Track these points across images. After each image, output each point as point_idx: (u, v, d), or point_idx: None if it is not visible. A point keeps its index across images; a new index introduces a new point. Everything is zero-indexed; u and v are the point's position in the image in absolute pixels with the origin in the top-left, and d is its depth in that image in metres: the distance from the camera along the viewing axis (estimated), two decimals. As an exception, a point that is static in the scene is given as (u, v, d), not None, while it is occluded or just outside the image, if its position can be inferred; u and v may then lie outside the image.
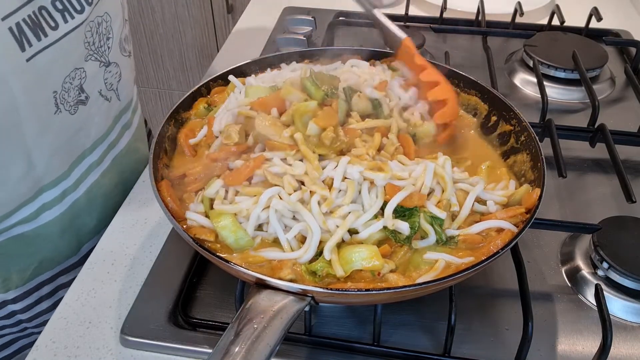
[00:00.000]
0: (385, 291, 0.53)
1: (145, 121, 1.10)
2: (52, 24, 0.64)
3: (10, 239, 0.74)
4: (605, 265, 0.66)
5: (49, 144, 0.70)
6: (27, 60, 0.62)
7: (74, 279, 0.85)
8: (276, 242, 0.59)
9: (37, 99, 0.65)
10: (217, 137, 0.69)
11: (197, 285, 0.68)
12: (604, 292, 0.61)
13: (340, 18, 1.25)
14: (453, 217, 0.62)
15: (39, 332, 0.87)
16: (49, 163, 0.71)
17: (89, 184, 0.80)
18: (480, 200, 0.63)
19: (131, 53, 0.85)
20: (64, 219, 0.78)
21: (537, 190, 0.62)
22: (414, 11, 1.29)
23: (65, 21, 0.65)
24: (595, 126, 0.87)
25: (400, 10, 1.28)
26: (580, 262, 0.70)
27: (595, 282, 0.65)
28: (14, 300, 0.81)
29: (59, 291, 0.86)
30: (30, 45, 0.61)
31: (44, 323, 0.86)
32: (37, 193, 0.73)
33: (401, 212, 0.59)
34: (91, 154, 0.79)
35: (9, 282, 0.78)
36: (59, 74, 0.67)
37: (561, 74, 1.03)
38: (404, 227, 0.58)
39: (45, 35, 0.63)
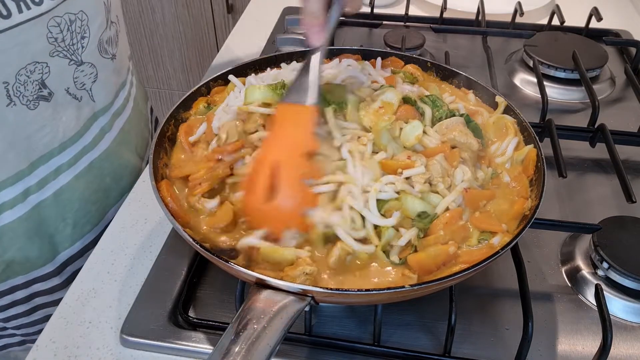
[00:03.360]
0: (385, 291, 0.53)
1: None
2: (4, 13, 0.62)
3: None
4: (605, 265, 0.66)
5: (2, 137, 0.68)
6: None
7: (50, 288, 0.83)
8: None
9: None
10: (216, 134, 0.69)
11: (197, 285, 0.68)
12: (604, 292, 0.61)
13: (340, 18, 1.24)
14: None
15: (21, 334, 0.84)
16: (3, 157, 0.69)
17: (58, 186, 0.77)
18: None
19: (115, 56, 0.83)
20: (29, 220, 0.76)
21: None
22: (414, 11, 1.29)
23: (20, 11, 0.63)
24: (595, 126, 0.87)
25: (400, 10, 1.28)
26: (580, 262, 0.70)
27: (595, 282, 0.65)
28: None
29: (35, 298, 0.83)
30: None
31: (23, 326, 0.83)
32: None
33: None
34: (60, 154, 0.76)
35: None
36: (10, 65, 0.65)
37: (561, 74, 1.03)
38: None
39: None
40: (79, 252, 0.84)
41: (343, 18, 1.25)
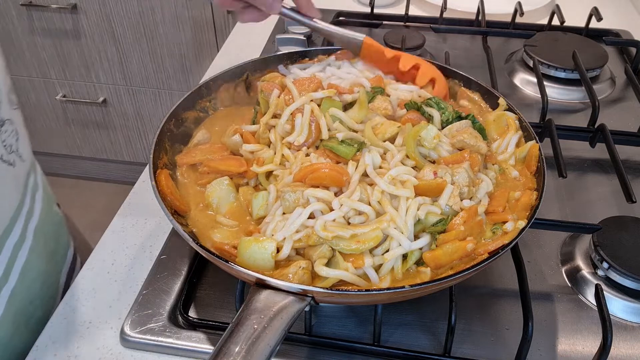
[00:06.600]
0: (385, 291, 0.53)
1: None
2: None
3: None
4: (605, 265, 0.66)
5: None
6: None
7: None
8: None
9: None
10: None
11: (197, 285, 0.68)
12: (604, 292, 0.61)
13: (340, 18, 1.25)
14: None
15: None
16: None
17: (19, 267, 0.67)
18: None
19: (17, 105, 0.70)
20: (7, 317, 0.65)
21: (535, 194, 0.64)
22: (414, 11, 1.29)
23: None
24: (595, 126, 0.87)
25: (400, 10, 1.28)
26: (580, 262, 0.70)
27: (595, 282, 0.65)
28: None
29: None
30: None
31: None
32: None
33: None
34: (12, 231, 0.66)
35: None
36: None
37: (561, 74, 1.03)
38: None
39: None
40: None
41: (343, 18, 1.25)
